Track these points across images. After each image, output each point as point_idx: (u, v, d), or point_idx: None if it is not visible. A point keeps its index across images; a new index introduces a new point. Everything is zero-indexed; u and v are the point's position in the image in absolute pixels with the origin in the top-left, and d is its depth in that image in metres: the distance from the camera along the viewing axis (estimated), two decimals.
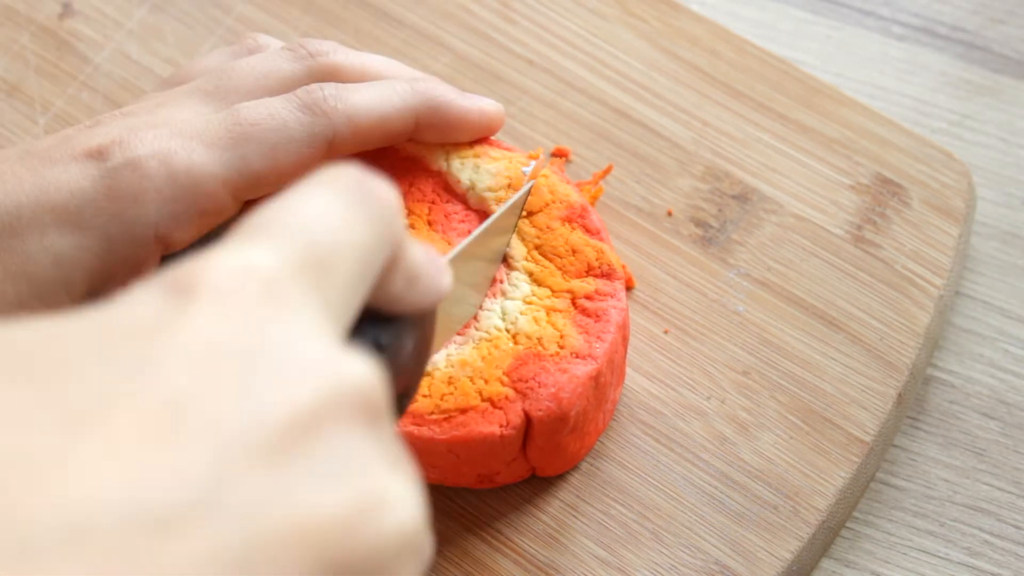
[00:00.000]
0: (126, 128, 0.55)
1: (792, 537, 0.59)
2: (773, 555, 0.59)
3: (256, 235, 0.33)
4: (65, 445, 0.28)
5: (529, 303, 0.58)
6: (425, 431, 0.56)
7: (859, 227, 0.66)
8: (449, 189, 0.61)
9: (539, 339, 0.57)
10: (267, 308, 0.31)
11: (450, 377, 0.57)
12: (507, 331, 0.58)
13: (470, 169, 0.61)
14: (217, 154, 0.54)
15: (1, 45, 0.72)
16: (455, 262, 0.54)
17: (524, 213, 0.60)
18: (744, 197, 0.67)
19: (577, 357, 0.57)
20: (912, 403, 0.65)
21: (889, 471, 0.64)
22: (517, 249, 0.60)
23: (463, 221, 0.60)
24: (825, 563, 0.61)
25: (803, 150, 0.68)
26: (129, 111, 0.57)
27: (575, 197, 0.61)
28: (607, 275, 0.59)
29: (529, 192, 0.60)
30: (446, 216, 0.60)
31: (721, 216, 0.67)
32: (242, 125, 0.55)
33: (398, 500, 0.31)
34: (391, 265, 0.37)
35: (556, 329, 0.58)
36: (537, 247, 0.60)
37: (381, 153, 0.61)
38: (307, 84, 0.58)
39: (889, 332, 0.64)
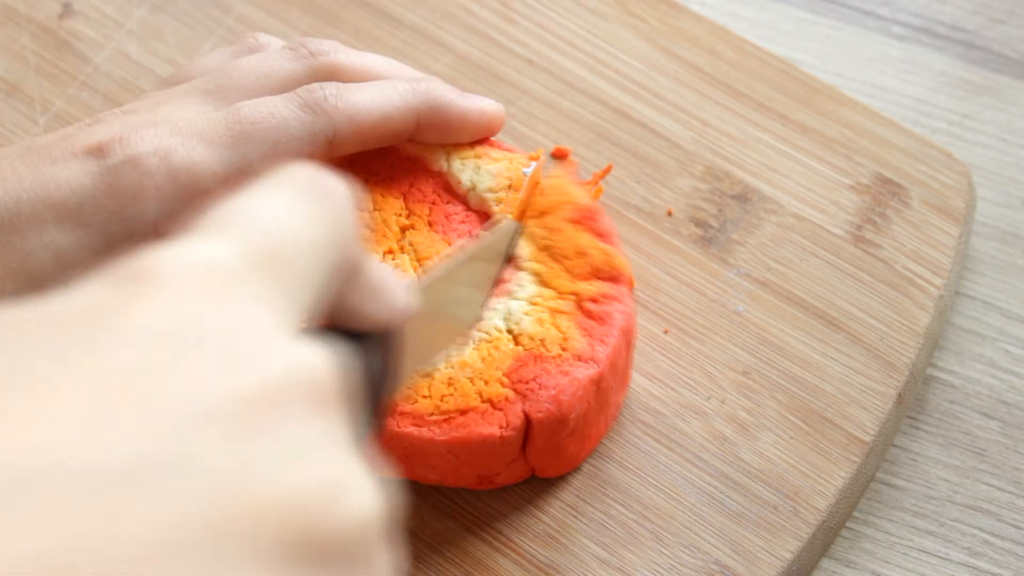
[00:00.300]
0: (126, 126, 0.55)
1: (792, 537, 0.59)
2: (773, 555, 0.59)
3: (211, 229, 0.33)
4: (7, 406, 0.28)
5: (534, 304, 0.58)
6: (425, 432, 0.56)
7: (859, 227, 0.66)
8: (450, 190, 0.61)
9: (542, 340, 0.57)
10: (219, 297, 0.31)
11: (450, 378, 0.57)
12: (509, 332, 0.58)
13: (471, 170, 0.61)
14: (217, 152, 0.54)
15: (1, 45, 0.72)
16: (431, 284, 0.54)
17: (536, 213, 0.60)
18: (744, 197, 0.67)
19: (579, 360, 0.57)
20: (912, 403, 0.65)
21: (889, 471, 0.64)
22: (524, 249, 0.59)
23: (463, 222, 0.60)
24: (825, 563, 0.61)
25: (803, 150, 0.68)
26: (129, 109, 0.57)
27: (585, 199, 0.61)
28: (613, 279, 0.59)
29: (514, 230, 0.60)
30: (447, 217, 0.60)
31: (721, 216, 0.67)
32: (242, 123, 0.55)
33: (357, 487, 0.31)
34: (351, 276, 0.37)
35: (559, 331, 0.58)
36: (545, 248, 0.60)
37: (381, 153, 0.61)
38: (308, 83, 0.58)
39: (889, 332, 0.64)
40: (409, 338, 0.42)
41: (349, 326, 0.39)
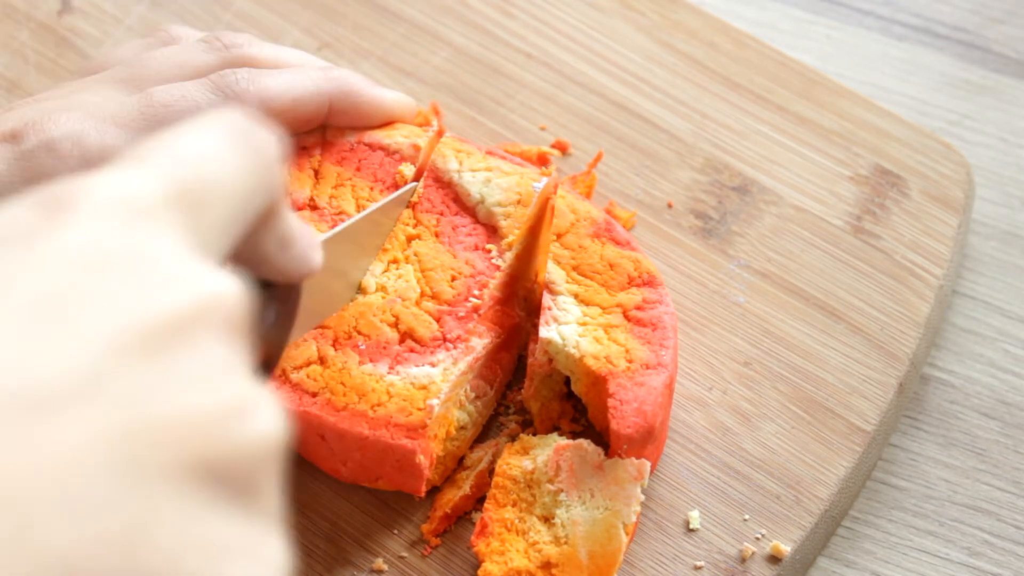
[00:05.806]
0: (40, 111, 0.56)
1: (795, 526, 0.59)
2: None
3: (135, 161, 0.34)
4: None
5: (584, 324, 0.59)
6: None
7: (859, 218, 0.67)
8: (459, 201, 0.61)
9: (607, 357, 0.57)
10: (139, 225, 0.33)
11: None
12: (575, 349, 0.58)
13: (481, 183, 0.61)
14: (130, 135, 0.55)
15: (0, 42, 0.72)
16: (334, 241, 0.55)
17: (553, 237, 0.60)
18: (744, 189, 0.67)
19: (648, 368, 0.57)
20: (912, 403, 0.65)
21: (889, 471, 0.64)
22: (556, 273, 0.60)
23: (470, 234, 0.60)
24: (825, 562, 0.62)
25: (802, 141, 0.69)
26: (43, 97, 0.58)
27: (596, 212, 0.61)
28: (649, 283, 0.60)
29: (412, 191, 0.60)
30: (454, 228, 0.60)
31: (721, 208, 0.67)
32: (155, 107, 0.56)
33: (261, 408, 0.32)
34: (266, 221, 0.38)
35: (619, 345, 0.58)
36: (575, 267, 0.60)
37: (381, 163, 0.61)
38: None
39: (889, 322, 0.64)
40: (305, 294, 0.43)
41: (255, 273, 0.40)
